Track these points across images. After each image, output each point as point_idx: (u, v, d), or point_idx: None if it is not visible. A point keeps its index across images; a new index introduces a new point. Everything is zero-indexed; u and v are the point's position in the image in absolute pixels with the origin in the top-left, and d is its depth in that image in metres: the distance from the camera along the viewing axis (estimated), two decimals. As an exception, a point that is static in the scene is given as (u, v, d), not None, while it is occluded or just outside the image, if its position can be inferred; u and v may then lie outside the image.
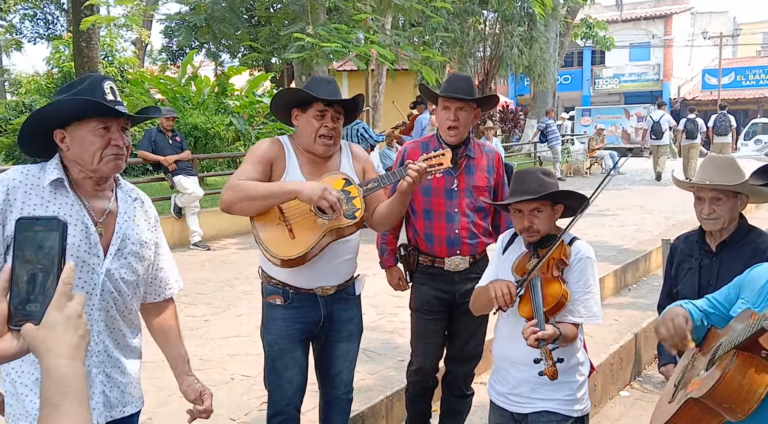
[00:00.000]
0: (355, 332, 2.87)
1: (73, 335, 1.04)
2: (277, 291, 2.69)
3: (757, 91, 30.14)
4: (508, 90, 32.46)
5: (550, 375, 2.06)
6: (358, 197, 2.59)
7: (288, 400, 2.72)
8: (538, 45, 15.52)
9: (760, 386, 1.68)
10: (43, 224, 1.06)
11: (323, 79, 2.73)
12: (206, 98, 14.02)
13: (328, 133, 2.63)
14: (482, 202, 3.15)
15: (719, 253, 2.70)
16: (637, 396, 4.83)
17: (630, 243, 8.03)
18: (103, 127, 1.89)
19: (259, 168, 2.61)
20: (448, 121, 3.08)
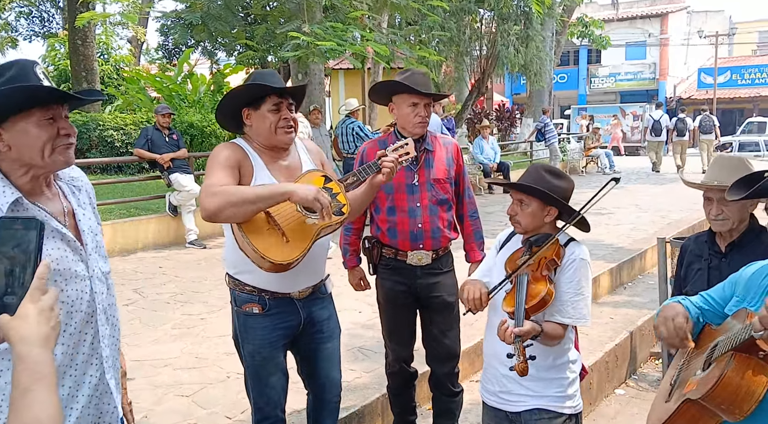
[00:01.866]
0: (336, 329, 2.83)
1: (45, 325, 1.11)
2: (252, 299, 2.59)
3: (753, 90, 30.22)
4: (504, 89, 32.48)
5: (519, 371, 2.06)
6: (341, 193, 2.57)
7: (274, 404, 2.69)
8: (534, 44, 15.52)
9: (759, 387, 1.67)
10: (22, 223, 1.16)
11: (267, 73, 2.65)
12: (202, 96, 13.99)
13: (287, 124, 2.57)
14: (444, 195, 3.18)
15: (729, 254, 2.67)
16: (632, 394, 4.84)
17: (625, 242, 8.05)
18: (49, 118, 1.65)
19: (230, 173, 2.49)
20: (418, 117, 3.08)
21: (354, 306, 5.22)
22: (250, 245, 2.40)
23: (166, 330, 4.88)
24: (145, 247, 8.03)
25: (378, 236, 3.22)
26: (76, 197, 1.84)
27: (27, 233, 1.14)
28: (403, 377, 3.38)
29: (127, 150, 12.06)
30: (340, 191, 2.57)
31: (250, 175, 2.55)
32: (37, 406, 1.03)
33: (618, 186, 2.38)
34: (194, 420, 3.40)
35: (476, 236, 3.36)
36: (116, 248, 7.70)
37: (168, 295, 5.90)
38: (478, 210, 3.40)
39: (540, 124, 16.06)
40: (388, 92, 3.21)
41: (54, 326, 1.13)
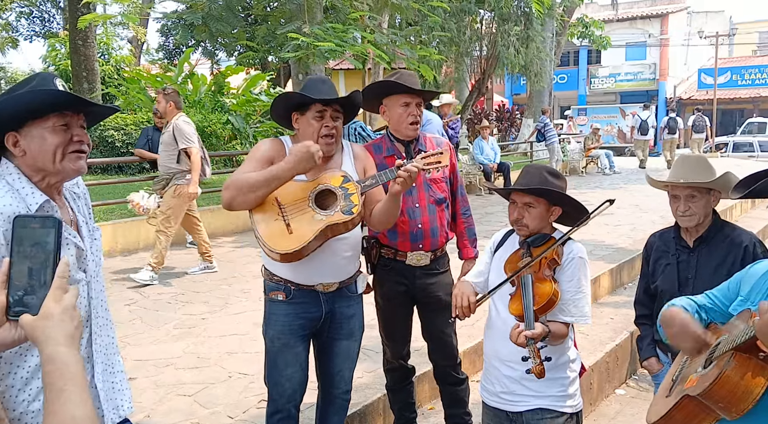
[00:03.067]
0: (357, 329, 2.89)
1: (69, 324, 1.11)
2: (279, 287, 2.73)
3: (753, 91, 30.23)
4: (505, 89, 32.50)
5: (537, 373, 2.08)
6: (355, 194, 2.61)
7: (288, 397, 2.74)
8: (534, 44, 15.53)
9: (756, 387, 1.69)
10: (39, 222, 1.15)
11: (319, 80, 2.76)
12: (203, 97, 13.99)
13: (329, 132, 2.67)
14: (441, 194, 3.22)
15: (697, 248, 2.79)
16: (632, 394, 4.86)
17: (626, 242, 8.06)
18: (63, 124, 1.72)
19: (258, 166, 2.63)
20: (411, 117, 3.09)
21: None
22: (258, 234, 2.57)
23: (167, 330, 4.89)
24: (146, 247, 8.03)
25: (377, 237, 3.24)
26: (77, 205, 1.91)
27: (45, 232, 1.14)
28: (401, 372, 3.41)
29: (128, 150, 12.07)
30: (355, 192, 2.62)
31: None
32: (71, 405, 1.03)
33: (616, 186, 2.41)
34: (196, 420, 3.41)
35: (469, 233, 3.40)
36: (117, 248, 7.71)
37: (169, 295, 5.91)
38: (470, 208, 3.44)
39: (540, 124, 16.08)
40: (378, 95, 3.21)
41: (77, 325, 1.13)
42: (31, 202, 1.68)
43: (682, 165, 2.76)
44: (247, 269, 6.84)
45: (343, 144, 2.85)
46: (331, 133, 2.68)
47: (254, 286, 5.96)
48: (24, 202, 1.67)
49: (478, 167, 13.16)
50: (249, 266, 6.94)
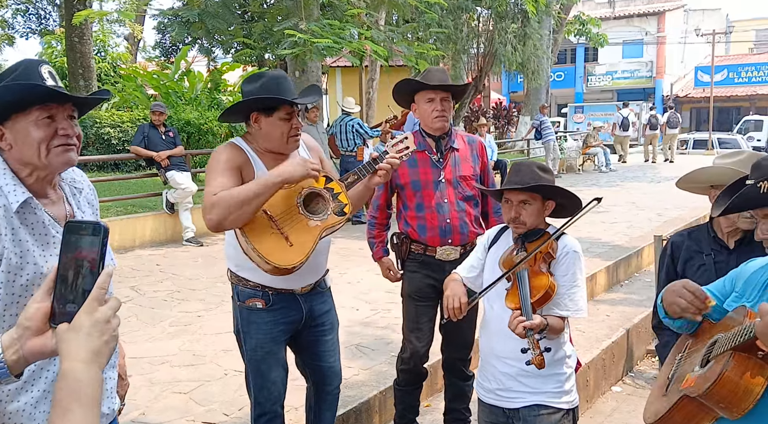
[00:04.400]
0: (335, 322, 2.88)
1: (96, 339, 1.05)
2: (255, 294, 2.61)
3: (750, 89, 30.27)
4: (502, 87, 32.50)
5: (537, 364, 2.08)
6: (342, 193, 2.57)
7: (274, 399, 2.71)
8: (531, 42, 15.51)
9: (757, 386, 1.68)
10: (87, 229, 1.10)
11: (279, 77, 2.60)
12: (199, 94, 13.96)
13: (296, 133, 2.60)
14: (470, 191, 3.23)
15: (737, 249, 2.65)
16: (629, 391, 4.86)
17: (622, 239, 8.07)
18: (47, 117, 1.64)
19: (231, 174, 2.48)
20: (435, 111, 3.13)
21: (352, 304, 5.22)
22: (254, 251, 2.39)
23: (163, 328, 4.88)
24: (142, 244, 8.02)
25: (407, 232, 3.27)
26: (76, 200, 1.85)
27: (91, 239, 1.09)
28: (415, 374, 3.41)
29: (124, 147, 12.04)
30: (342, 191, 2.58)
31: (252, 178, 2.54)
32: None
33: (612, 184, 2.41)
34: (192, 417, 3.41)
35: None
36: (113, 246, 7.63)
37: (165, 292, 5.90)
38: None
39: (536, 122, 16.08)
40: (408, 93, 3.27)
41: (108, 341, 1.06)
42: (12, 200, 1.61)
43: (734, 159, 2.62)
44: (244, 266, 6.82)
45: None
46: (298, 132, 2.61)
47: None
48: (6, 200, 1.61)
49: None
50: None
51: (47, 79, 1.65)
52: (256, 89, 2.57)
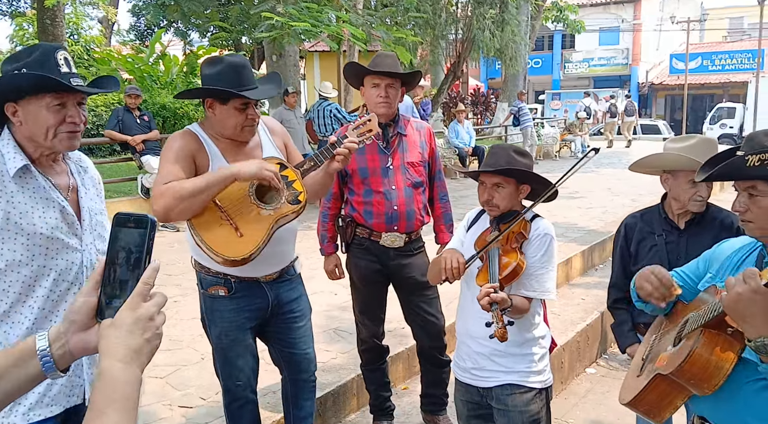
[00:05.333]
0: (306, 309, 2.84)
1: (138, 337, 1.00)
2: (218, 281, 2.58)
3: (723, 76, 30.65)
4: (480, 73, 32.54)
5: (499, 336, 2.10)
6: (297, 180, 2.51)
7: (244, 385, 2.69)
8: (509, 28, 15.52)
9: (726, 363, 1.72)
10: (134, 221, 1.06)
11: (237, 65, 2.50)
12: (175, 78, 13.81)
13: (252, 123, 2.52)
14: (419, 178, 3.22)
15: (687, 229, 2.75)
16: (602, 373, 4.94)
17: (597, 224, 8.17)
18: (58, 104, 1.77)
19: (183, 165, 2.44)
20: (379, 97, 3.11)
21: (330, 288, 5.22)
22: (203, 243, 2.36)
23: (139, 313, 4.84)
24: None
25: (353, 216, 3.23)
26: (81, 177, 1.98)
27: (138, 232, 1.05)
28: (376, 352, 3.44)
29: (98, 132, 11.87)
30: (297, 178, 2.51)
31: (206, 165, 2.50)
32: None
33: (589, 170, 2.42)
34: (168, 401, 3.40)
35: (445, 218, 3.41)
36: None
37: (141, 278, 5.84)
38: (447, 193, 3.45)
39: (514, 108, 16.14)
40: (358, 76, 3.25)
41: (150, 338, 1.02)
42: (10, 166, 1.75)
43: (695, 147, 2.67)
44: (221, 251, 6.79)
45: None
46: (255, 123, 2.54)
47: (228, 268, 5.92)
48: (5, 166, 1.75)
49: (453, 151, 13.18)
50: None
51: (62, 66, 1.77)
52: (214, 74, 2.49)
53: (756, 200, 1.76)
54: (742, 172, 1.76)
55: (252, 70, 2.61)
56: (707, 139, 2.73)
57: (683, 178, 2.67)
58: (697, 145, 2.65)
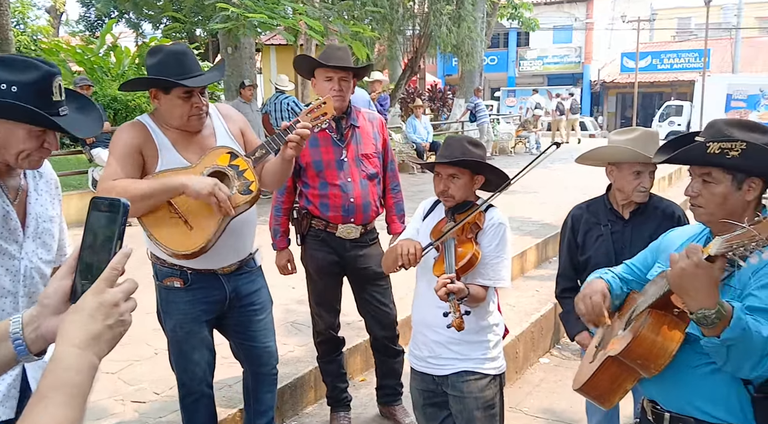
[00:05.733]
0: (267, 302, 2.82)
1: (98, 323, 0.97)
2: (173, 273, 2.56)
3: (671, 75, 31.50)
4: (437, 70, 32.70)
5: (456, 326, 2.13)
6: (248, 170, 2.48)
7: (199, 379, 2.67)
8: (466, 24, 15.65)
9: (672, 342, 1.77)
10: (107, 206, 1.03)
11: (178, 53, 2.46)
12: (126, 70, 13.50)
13: (198, 112, 2.48)
14: (373, 169, 3.23)
15: (631, 219, 2.83)
16: (556, 362, 5.04)
17: (551, 218, 8.32)
18: (41, 131, 1.71)
19: (129, 161, 2.41)
20: (333, 91, 3.08)
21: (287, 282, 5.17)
22: (152, 238, 2.35)
23: (90, 308, 4.73)
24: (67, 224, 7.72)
25: (308, 208, 3.22)
26: (35, 182, 1.90)
27: (110, 216, 1.02)
28: (332, 343, 3.44)
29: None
30: (248, 167, 2.49)
31: (155, 157, 2.46)
32: (45, 418, 0.87)
33: (542, 165, 2.46)
34: (120, 397, 3.33)
35: (397, 208, 3.43)
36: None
37: (92, 273, 5.70)
38: (399, 183, 3.46)
39: (471, 104, 16.30)
40: (308, 69, 3.23)
41: (112, 325, 0.98)
42: None
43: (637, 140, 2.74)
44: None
45: (210, 109, 2.64)
46: (202, 112, 2.50)
47: (182, 263, 5.82)
48: None
49: (411, 146, 13.23)
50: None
51: (55, 94, 1.70)
52: (155, 64, 2.45)
53: (708, 186, 1.81)
54: (701, 158, 1.81)
55: (195, 57, 2.54)
56: (649, 132, 2.81)
57: (627, 170, 2.75)
58: (640, 138, 2.73)
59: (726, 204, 1.80)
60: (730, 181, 1.78)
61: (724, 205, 1.80)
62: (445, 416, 2.55)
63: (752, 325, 1.59)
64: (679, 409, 1.86)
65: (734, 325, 1.57)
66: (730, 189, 1.78)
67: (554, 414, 4.13)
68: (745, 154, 1.73)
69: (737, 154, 1.73)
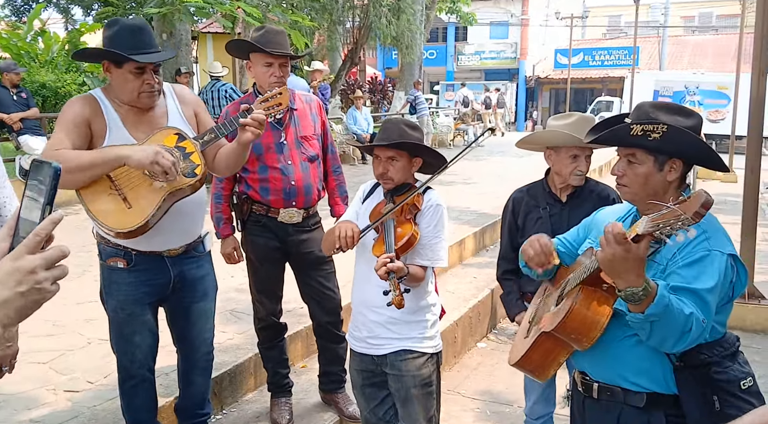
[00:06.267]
0: (210, 289, 2.79)
1: (8, 289, 0.92)
2: (117, 253, 2.52)
3: (602, 71, 32.48)
4: (377, 62, 32.72)
5: (396, 304, 2.18)
6: (195, 153, 2.45)
7: (140, 363, 2.63)
8: (405, 16, 15.74)
9: (602, 317, 1.85)
10: (44, 168, 0.97)
11: (134, 27, 2.43)
12: (56, 56, 12.96)
13: (149, 89, 2.45)
14: (313, 151, 3.21)
15: (569, 201, 2.93)
16: (492, 347, 5.17)
17: (488, 208, 8.49)
18: None
19: (75, 132, 2.38)
20: (273, 77, 3.05)
21: (226, 269, 5.12)
22: (89, 212, 2.32)
23: (18, 299, 4.55)
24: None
25: (248, 193, 3.18)
26: None
27: (41, 179, 0.97)
28: (275, 329, 3.41)
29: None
30: (195, 150, 2.45)
31: (102, 132, 2.42)
32: None
33: (480, 158, 2.54)
34: (52, 386, 3.23)
35: (340, 190, 3.43)
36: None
37: (19, 264, 5.47)
38: (341, 165, 3.47)
39: (411, 97, 16.42)
40: (244, 51, 3.16)
41: (25, 293, 0.92)
42: None
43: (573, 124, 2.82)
44: (108, 236, 6.48)
45: (165, 88, 2.63)
46: (154, 88, 2.47)
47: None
48: None
49: (352, 137, 13.23)
50: (110, 233, 6.57)
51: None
52: (111, 36, 2.42)
53: (633, 167, 1.90)
54: (624, 140, 1.89)
55: (152, 33, 2.52)
56: (586, 117, 2.90)
57: (565, 154, 2.85)
58: (577, 123, 2.82)
59: (648, 184, 1.88)
60: (652, 162, 1.87)
61: (646, 185, 1.89)
62: (385, 396, 2.59)
63: (675, 303, 1.68)
64: (607, 379, 1.95)
65: (658, 302, 1.65)
66: (652, 170, 1.87)
67: (491, 396, 4.24)
68: (666, 137, 1.82)
69: (658, 136, 1.82)
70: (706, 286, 1.76)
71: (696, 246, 1.80)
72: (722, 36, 32.97)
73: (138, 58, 2.37)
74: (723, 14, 36.71)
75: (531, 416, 3.17)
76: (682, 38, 34.86)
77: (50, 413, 2.97)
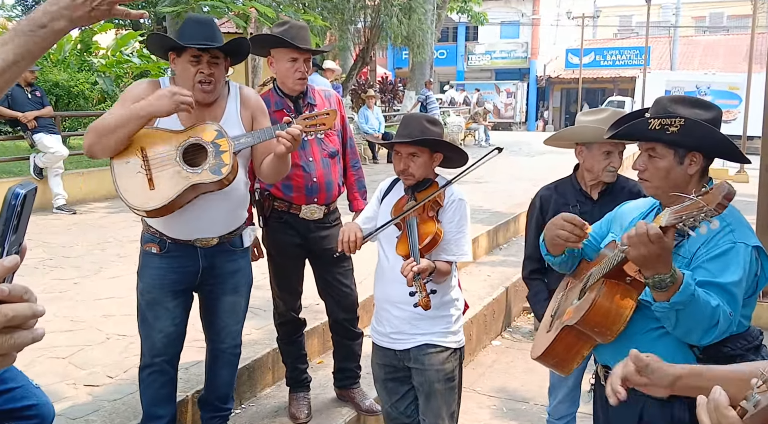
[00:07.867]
0: (243, 284, 2.80)
1: None
2: (153, 239, 2.61)
3: (613, 71, 32.37)
4: (387, 62, 32.75)
5: (423, 305, 2.18)
6: (228, 152, 2.46)
7: (158, 352, 2.66)
8: (416, 16, 15.74)
9: (626, 309, 1.85)
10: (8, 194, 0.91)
11: (197, 21, 2.56)
12: (68, 55, 13.02)
13: (205, 79, 2.49)
14: (334, 147, 3.22)
15: (600, 199, 2.87)
16: (507, 344, 5.17)
17: (501, 207, 8.48)
18: None
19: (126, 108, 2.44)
20: (298, 73, 3.05)
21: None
22: (115, 183, 2.43)
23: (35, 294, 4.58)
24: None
25: (270, 190, 3.19)
26: None
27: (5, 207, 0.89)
28: (294, 325, 3.42)
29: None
30: (228, 150, 2.47)
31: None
32: None
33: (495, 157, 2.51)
34: (72, 381, 3.25)
35: (359, 185, 3.43)
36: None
37: (36, 260, 5.52)
38: (359, 160, 3.47)
39: (422, 96, 16.41)
40: (266, 45, 3.15)
41: None
42: None
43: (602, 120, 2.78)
44: (123, 234, 6.52)
45: (231, 87, 2.68)
46: (209, 80, 2.50)
47: (131, 251, 5.68)
48: None
49: (363, 137, 13.24)
50: (124, 231, 6.61)
51: None
52: (180, 29, 2.56)
53: (653, 161, 1.90)
54: (644, 134, 1.89)
55: (218, 30, 2.59)
56: (618, 112, 2.85)
57: (597, 150, 2.80)
58: (610, 118, 2.74)
59: (669, 178, 1.88)
60: (672, 155, 1.87)
61: (667, 179, 1.89)
62: (406, 391, 2.59)
63: (701, 294, 1.68)
64: None
65: (683, 290, 1.65)
66: (672, 163, 1.87)
67: (507, 393, 4.23)
68: (684, 130, 1.81)
69: (676, 129, 1.82)
70: (732, 279, 1.76)
71: (720, 239, 1.80)
72: (733, 36, 32.78)
73: (192, 45, 2.45)
74: (734, 14, 36.48)
75: (554, 416, 3.13)
76: (693, 38, 34.68)
77: (71, 407, 2.99)
